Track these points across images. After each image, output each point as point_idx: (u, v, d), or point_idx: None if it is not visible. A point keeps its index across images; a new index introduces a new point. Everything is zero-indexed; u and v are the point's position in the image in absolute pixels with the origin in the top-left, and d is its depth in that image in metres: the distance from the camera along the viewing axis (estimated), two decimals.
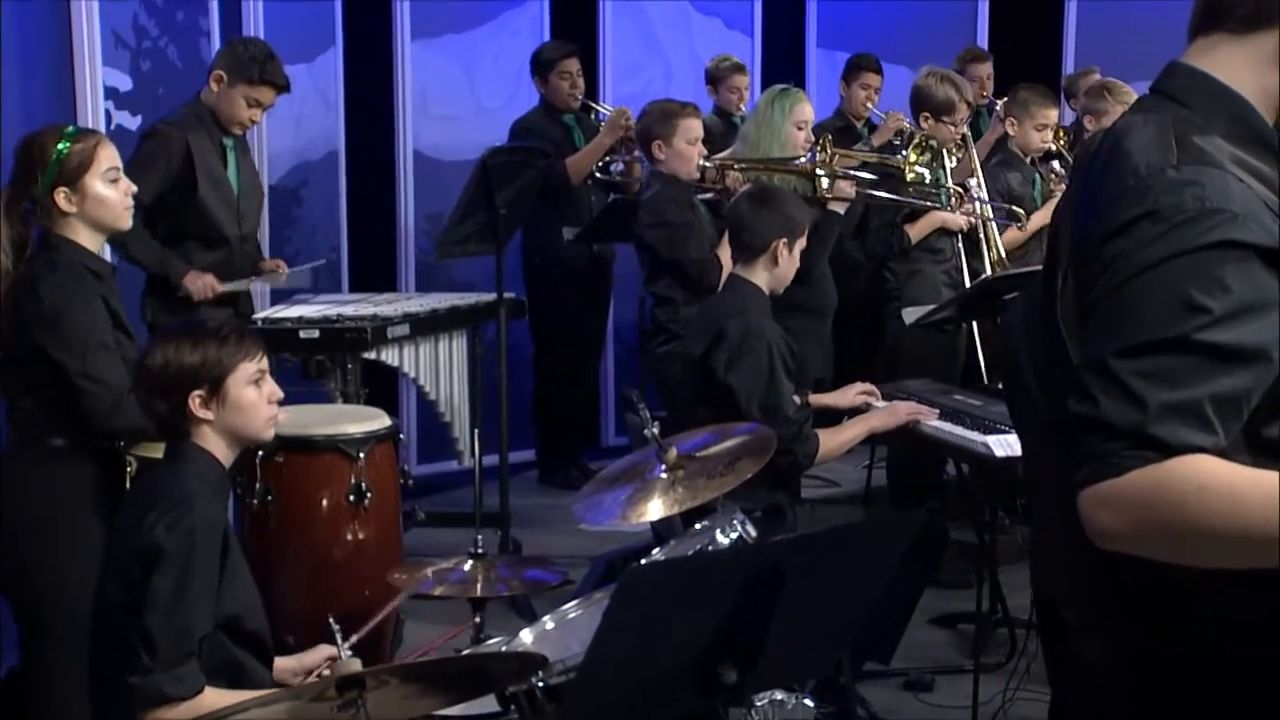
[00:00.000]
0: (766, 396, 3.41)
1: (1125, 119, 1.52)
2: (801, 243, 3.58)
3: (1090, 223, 1.43)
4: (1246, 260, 1.32)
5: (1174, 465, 1.30)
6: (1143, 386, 1.30)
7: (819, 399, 3.81)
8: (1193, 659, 1.45)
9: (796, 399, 3.71)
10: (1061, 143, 5.09)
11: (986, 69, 6.10)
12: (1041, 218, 4.73)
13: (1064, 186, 4.54)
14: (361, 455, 3.42)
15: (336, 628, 2.22)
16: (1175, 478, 1.29)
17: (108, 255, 3.37)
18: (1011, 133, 4.96)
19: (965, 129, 4.81)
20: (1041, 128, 4.89)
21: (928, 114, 4.70)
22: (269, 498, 3.38)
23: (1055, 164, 5.01)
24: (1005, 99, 5.15)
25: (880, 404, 3.73)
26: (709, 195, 4.59)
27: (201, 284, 3.97)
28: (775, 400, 3.41)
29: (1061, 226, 1.60)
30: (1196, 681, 1.47)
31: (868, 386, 3.79)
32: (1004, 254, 4.73)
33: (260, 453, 3.31)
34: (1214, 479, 1.30)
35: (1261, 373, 1.33)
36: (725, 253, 4.05)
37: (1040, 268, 1.66)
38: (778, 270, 3.55)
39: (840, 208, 4.23)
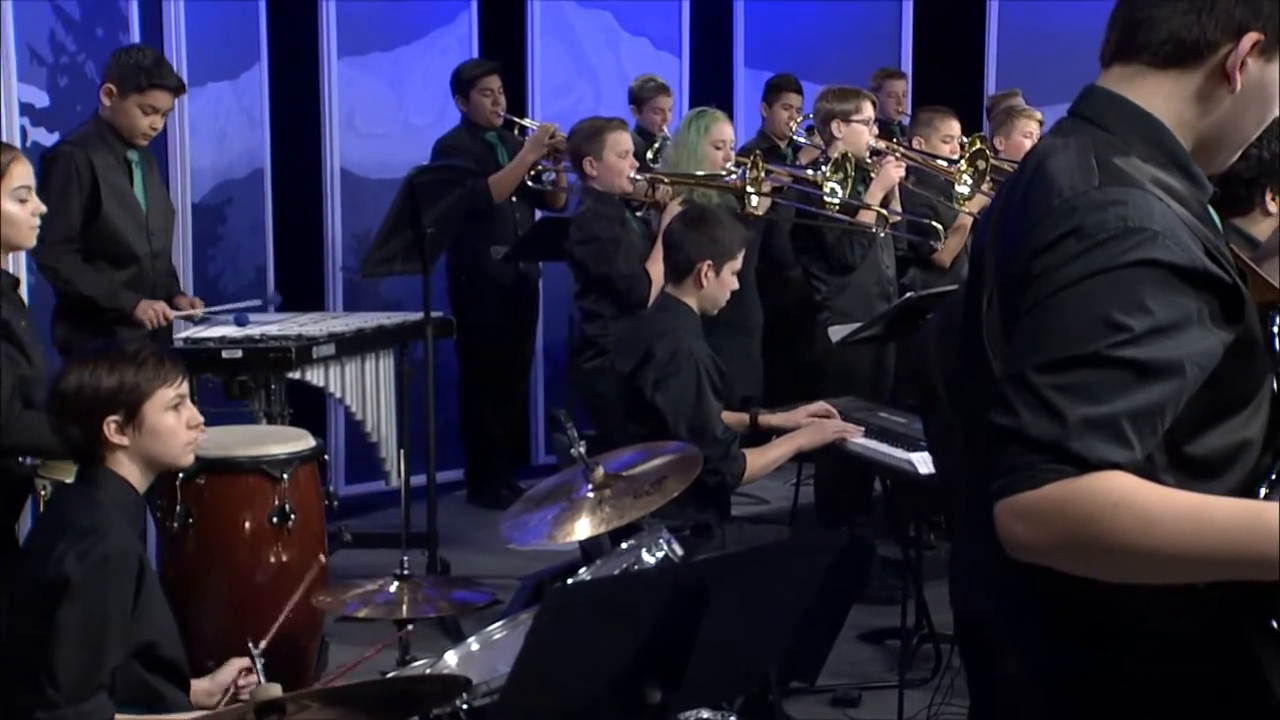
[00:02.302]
0: (694, 417, 3.42)
1: (1046, 142, 1.54)
2: (734, 265, 3.58)
3: (1015, 244, 1.45)
4: (1165, 279, 1.34)
5: (1090, 481, 1.31)
6: (1062, 401, 1.32)
7: (768, 419, 3.79)
8: (1116, 676, 1.46)
9: (747, 418, 3.72)
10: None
11: (902, 86, 6.26)
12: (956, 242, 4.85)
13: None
14: (285, 476, 3.38)
15: (255, 650, 2.18)
16: (1091, 493, 1.31)
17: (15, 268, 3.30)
18: (921, 149, 5.10)
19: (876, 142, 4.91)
20: (947, 140, 5.06)
21: (838, 120, 4.78)
22: (189, 520, 3.33)
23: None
24: (911, 119, 5.31)
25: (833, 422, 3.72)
26: (640, 211, 4.61)
27: (154, 312, 3.93)
28: (703, 420, 3.42)
29: (985, 246, 1.62)
30: (1119, 699, 1.48)
31: (823, 407, 3.77)
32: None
33: (180, 474, 3.25)
34: (1128, 497, 1.31)
35: (1176, 388, 1.34)
36: (655, 267, 4.06)
37: (956, 287, 1.68)
38: (705, 291, 3.56)
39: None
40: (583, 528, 2.76)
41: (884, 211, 4.66)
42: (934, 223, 4.87)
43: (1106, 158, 1.43)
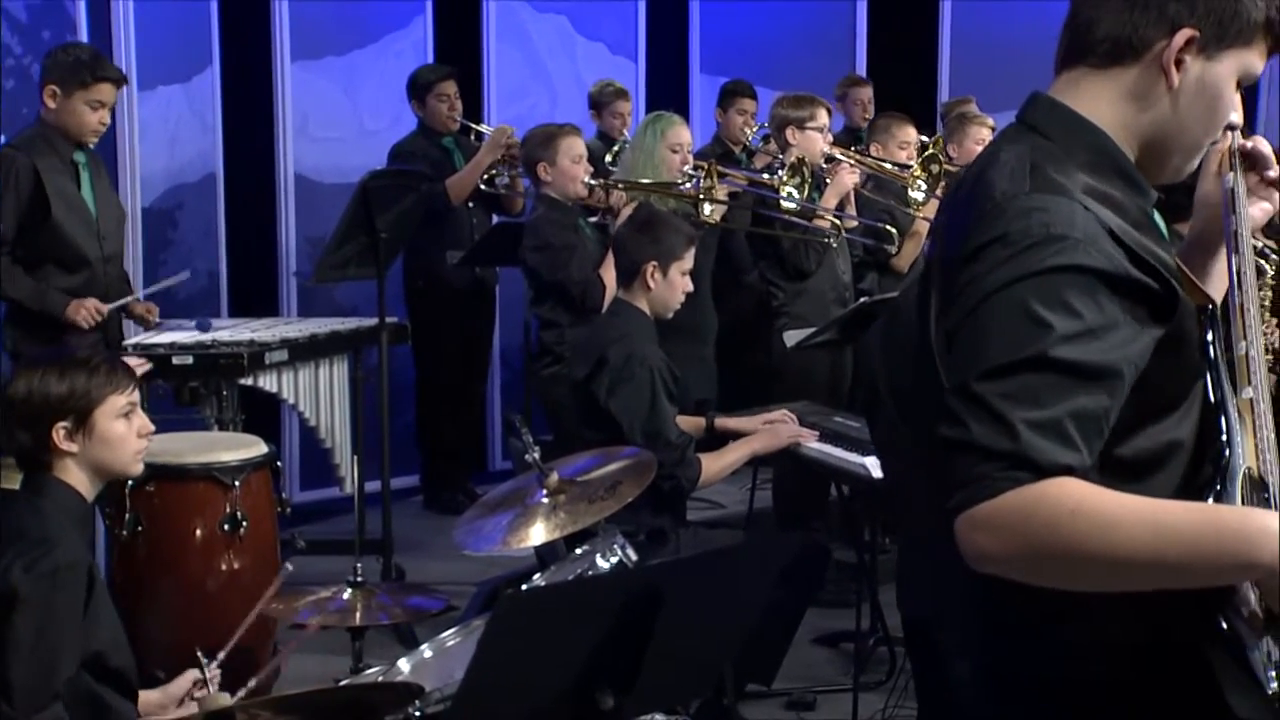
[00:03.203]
0: (648, 422, 3.41)
1: (990, 148, 1.55)
2: (682, 265, 3.58)
3: (953, 249, 1.46)
4: (1090, 284, 1.35)
5: (1046, 487, 1.30)
6: (1007, 407, 1.32)
7: (725, 423, 3.79)
8: (1068, 681, 1.46)
9: (703, 422, 3.72)
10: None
11: (867, 93, 6.30)
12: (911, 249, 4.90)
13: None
14: (237, 483, 3.35)
15: (205, 660, 2.16)
16: (1048, 499, 1.30)
17: None
18: (878, 155, 5.13)
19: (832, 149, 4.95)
20: (904, 146, 5.13)
21: (793, 127, 4.80)
22: (139, 528, 3.29)
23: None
24: (867, 126, 5.37)
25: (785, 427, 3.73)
26: (596, 217, 4.61)
27: (86, 311, 3.88)
28: (657, 425, 3.42)
29: (933, 251, 1.63)
30: (1071, 705, 1.47)
31: (782, 413, 3.77)
32: None
33: (130, 482, 3.22)
34: (1085, 502, 1.30)
35: (1116, 392, 1.35)
36: (610, 274, 4.06)
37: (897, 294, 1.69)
38: (654, 294, 3.55)
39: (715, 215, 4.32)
40: (537, 533, 2.75)
41: (837, 220, 4.69)
42: (889, 228, 4.90)
43: (1041, 165, 1.43)
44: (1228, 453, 1.41)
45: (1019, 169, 1.44)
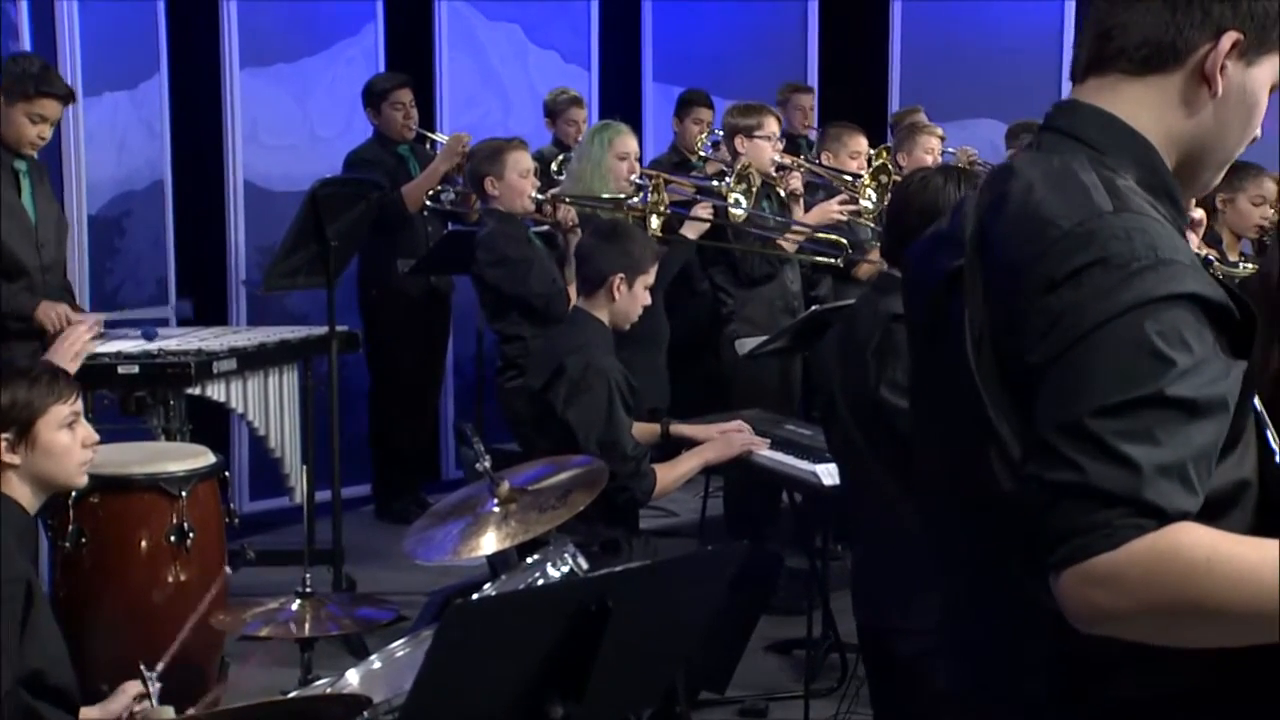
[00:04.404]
0: (605, 433, 3.39)
1: (1026, 160, 1.41)
2: (646, 279, 3.56)
3: (1013, 273, 1.31)
4: (1198, 313, 1.25)
5: (1175, 534, 1.19)
6: (1131, 448, 1.19)
7: (680, 429, 3.79)
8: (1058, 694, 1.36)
9: (658, 429, 3.72)
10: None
11: (809, 100, 6.35)
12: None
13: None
14: (183, 494, 3.31)
15: (148, 674, 2.14)
16: (1179, 548, 1.18)
17: None
18: (829, 164, 5.17)
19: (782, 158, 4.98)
20: (855, 155, 5.15)
21: (742, 136, 4.83)
22: (83, 540, 3.25)
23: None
24: (819, 135, 5.40)
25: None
26: (544, 228, 4.60)
27: (56, 315, 3.82)
28: (614, 437, 3.40)
29: (917, 276, 1.52)
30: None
31: (736, 425, 3.76)
32: None
33: (74, 493, 3.17)
34: (1219, 550, 1.19)
35: (1224, 425, 1.25)
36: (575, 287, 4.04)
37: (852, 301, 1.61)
38: (617, 305, 3.54)
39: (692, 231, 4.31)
40: (488, 542, 2.74)
41: (797, 237, 4.74)
42: (842, 239, 4.93)
43: (1111, 181, 1.32)
44: None
45: (1094, 184, 1.31)
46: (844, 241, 4.91)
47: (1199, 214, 1.50)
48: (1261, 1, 1.35)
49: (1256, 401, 1.36)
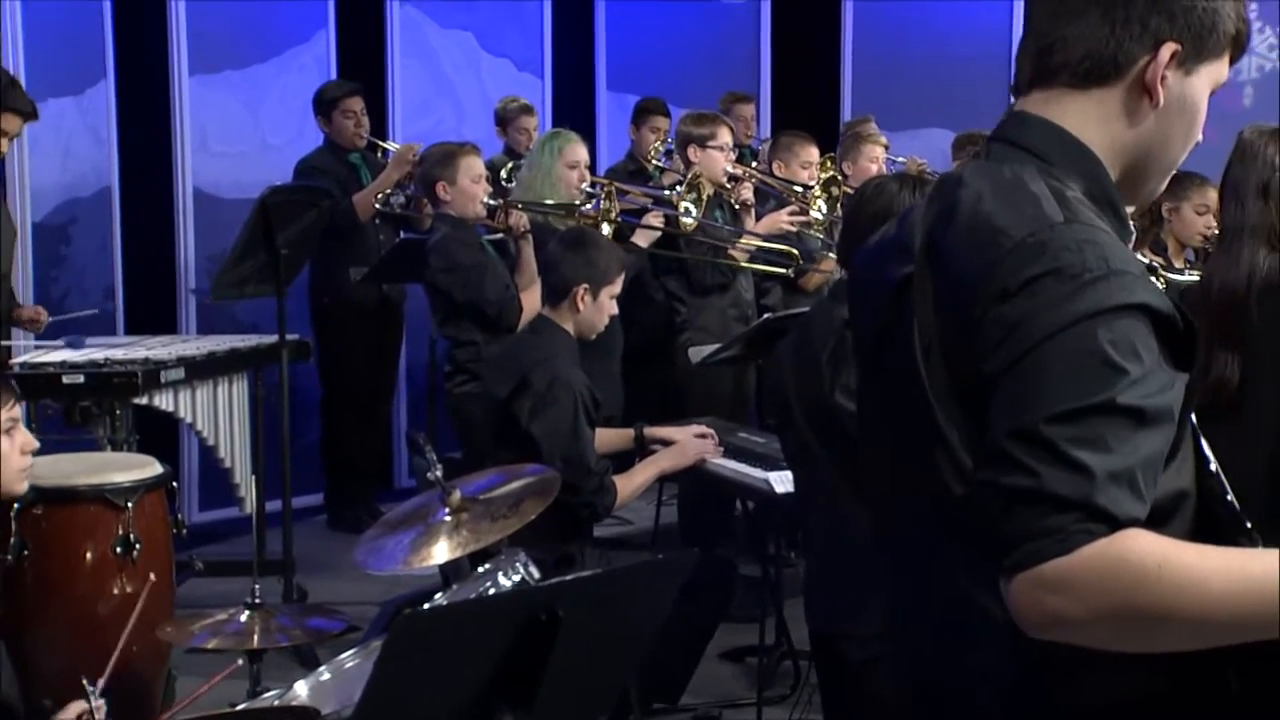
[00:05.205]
0: (570, 448, 3.35)
1: (974, 170, 1.42)
2: (612, 289, 3.54)
3: (963, 283, 1.32)
4: (1146, 324, 1.27)
5: (1126, 540, 1.20)
6: (1084, 454, 1.21)
7: (654, 432, 3.75)
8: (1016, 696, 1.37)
9: (632, 434, 3.70)
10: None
11: (750, 110, 6.37)
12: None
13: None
14: (129, 505, 3.27)
15: (91, 688, 2.10)
16: (1129, 554, 1.20)
17: None
18: (780, 174, 5.18)
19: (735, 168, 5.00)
20: (806, 165, 5.17)
21: (695, 145, 4.84)
22: (25, 552, 3.19)
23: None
24: (769, 144, 5.41)
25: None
26: (498, 236, 4.59)
27: (31, 311, 3.77)
28: (578, 451, 3.37)
29: (866, 283, 1.53)
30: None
31: (705, 429, 3.75)
32: None
33: (16, 505, 3.13)
34: (1169, 556, 1.21)
35: (1169, 435, 1.27)
36: (531, 297, 4.02)
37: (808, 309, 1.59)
38: (581, 315, 3.51)
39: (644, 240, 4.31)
40: (440, 552, 2.71)
41: (747, 246, 4.76)
42: (793, 249, 4.95)
43: (1061, 192, 1.34)
44: (1230, 498, 1.36)
45: (1044, 195, 1.33)
46: (795, 252, 4.93)
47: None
48: (1196, 12, 1.38)
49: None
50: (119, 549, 3.25)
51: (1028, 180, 1.36)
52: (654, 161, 5.91)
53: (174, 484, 3.58)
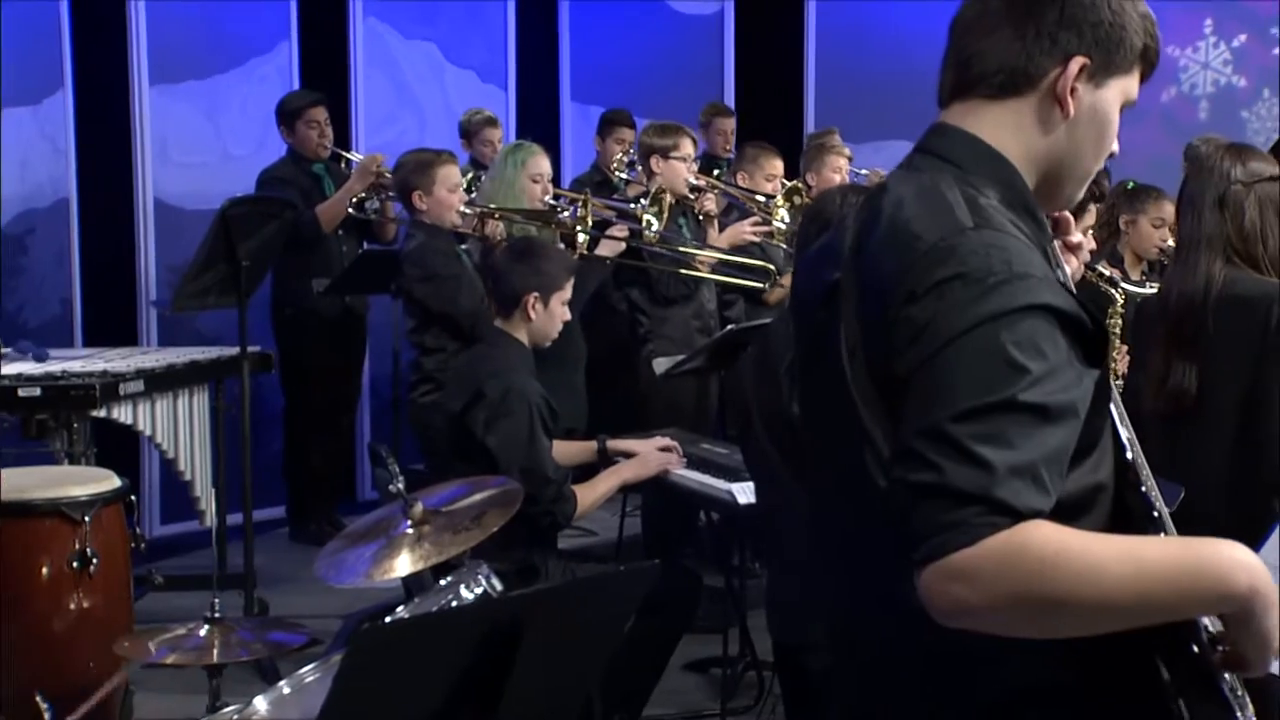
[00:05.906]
0: (526, 458, 3.34)
1: (898, 179, 1.49)
2: (563, 295, 3.54)
3: (880, 287, 1.38)
4: (1051, 323, 1.32)
5: (1025, 531, 1.25)
6: (985, 450, 1.26)
7: (616, 444, 3.76)
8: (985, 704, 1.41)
9: (594, 445, 3.69)
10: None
11: (730, 124, 6.38)
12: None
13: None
14: (86, 519, 3.22)
15: (45, 705, 2.07)
16: (1029, 544, 1.25)
17: None
18: (745, 185, 5.20)
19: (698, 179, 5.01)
20: (771, 178, 5.19)
21: (657, 156, 4.85)
22: None
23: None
24: (735, 155, 5.44)
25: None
26: (466, 244, 4.58)
27: None
28: (535, 461, 3.36)
29: (804, 288, 1.57)
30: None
31: (668, 442, 3.75)
32: None
33: None
34: (1067, 545, 1.26)
35: (1074, 431, 1.32)
36: None
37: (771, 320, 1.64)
38: (534, 324, 3.51)
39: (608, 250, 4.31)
40: (402, 564, 2.70)
41: (709, 258, 4.77)
42: (762, 261, 4.96)
43: (974, 199, 1.40)
44: (1145, 488, 1.41)
45: (958, 202, 1.39)
46: (771, 268, 4.94)
47: (1078, 238, 1.54)
48: (1104, 27, 1.46)
49: (1113, 407, 1.44)
50: (76, 563, 3.21)
51: (944, 188, 1.42)
52: (619, 173, 5.92)
53: (133, 498, 3.54)
